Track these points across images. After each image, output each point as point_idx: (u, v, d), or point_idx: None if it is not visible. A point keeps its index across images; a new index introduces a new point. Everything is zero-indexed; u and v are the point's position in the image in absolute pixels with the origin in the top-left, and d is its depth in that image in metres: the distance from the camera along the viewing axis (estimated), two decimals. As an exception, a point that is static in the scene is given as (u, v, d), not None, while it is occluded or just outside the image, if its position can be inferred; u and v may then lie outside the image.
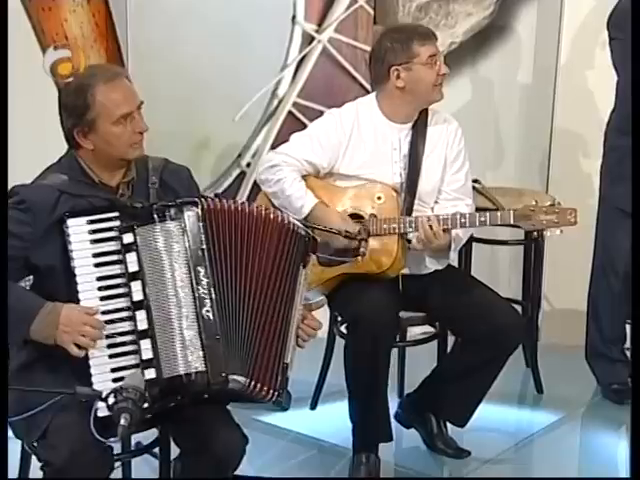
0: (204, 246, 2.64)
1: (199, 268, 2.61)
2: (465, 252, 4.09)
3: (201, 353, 2.55)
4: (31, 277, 2.70)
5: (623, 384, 3.96)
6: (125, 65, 4.33)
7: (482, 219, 3.25)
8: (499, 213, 3.28)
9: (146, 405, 2.43)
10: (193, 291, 2.59)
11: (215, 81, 4.24)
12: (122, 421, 2.20)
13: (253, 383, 2.60)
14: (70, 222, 2.54)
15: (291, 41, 4.37)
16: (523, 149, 4.75)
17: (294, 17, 4.35)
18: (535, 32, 4.65)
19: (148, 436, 2.85)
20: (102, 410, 2.31)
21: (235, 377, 2.56)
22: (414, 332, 3.91)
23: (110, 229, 2.58)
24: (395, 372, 3.85)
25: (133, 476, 3.02)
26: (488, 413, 3.84)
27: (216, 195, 2.75)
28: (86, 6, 4.36)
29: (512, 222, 3.25)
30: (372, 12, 4.47)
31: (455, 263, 3.89)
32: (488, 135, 4.75)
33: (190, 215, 2.64)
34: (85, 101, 2.60)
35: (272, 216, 2.77)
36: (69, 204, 2.58)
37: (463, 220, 3.23)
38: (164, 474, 2.81)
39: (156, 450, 2.89)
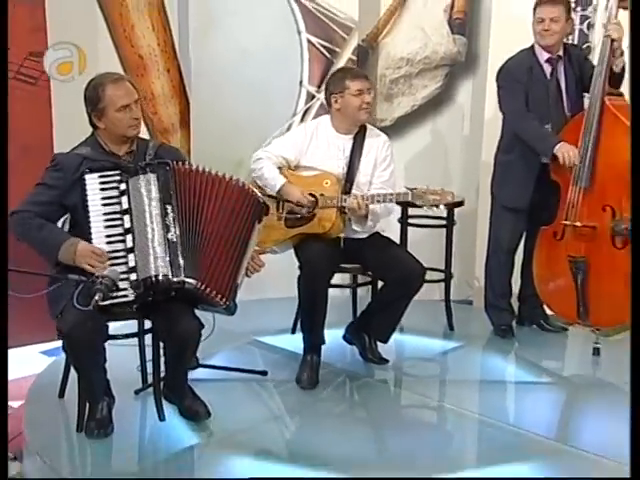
0: (172, 191, 2.68)
1: (167, 206, 2.65)
2: (401, 233, 4.04)
3: (165, 262, 2.59)
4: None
5: (508, 326, 3.89)
6: (190, 112, 4.36)
7: (390, 197, 3.25)
8: (402, 193, 3.23)
9: (131, 298, 2.57)
10: (162, 221, 2.63)
11: (248, 122, 4.22)
12: (96, 297, 2.33)
13: (206, 287, 2.62)
14: (87, 177, 2.63)
15: (299, 97, 4.40)
16: (462, 178, 4.68)
17: (301, 81, 4.38)
18: (471, 98, 4.63)
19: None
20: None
21: (189, 280, 2.60)
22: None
23: (113, 181, 2.65)
24: (350, 307, 3.88)
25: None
26: (411, 340, 3.88)
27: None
28: (166, 74, 4.34)
29: (410, 200, 3.23)
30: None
31: (396, 240, 3.84)
32: (439, 168, 4.71)
33: (164, 170, 2.69)
34: (98, 95, 2.68)
35: (234, 182, 2.81)
36: (88, 165, 2.65)
37: (378, 198, 3.24)
38: (155, 349, 2.84)
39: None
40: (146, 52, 4.33)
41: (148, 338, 2.91)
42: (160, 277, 2.58)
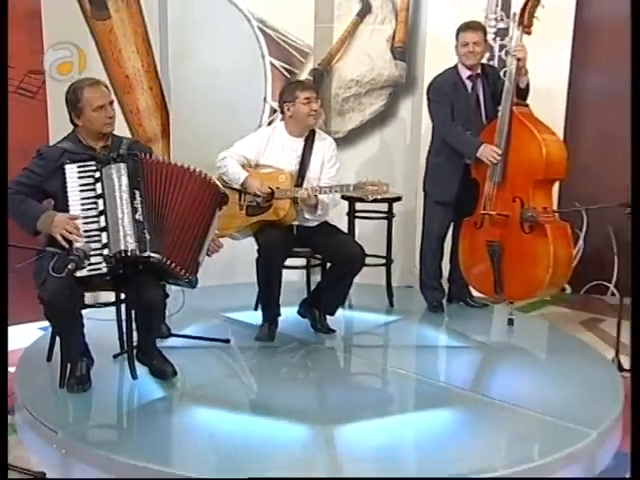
0: (140, 178, 2.66)
1: (135, 191, 2.64)
2: (349, 225, 4.02)
3: (133, 239, 2.58)
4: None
5: (439, 302, 3.91)
6: (170, 124, 4.30)
7: (335, 189, 3.26)
8: (345, 185, 3.25)
9: (104, 270, 2.55)
10: (131, 204, 2.61)
11: (219, 133, 4.04)
12: (70, 266, 2.28)
13: (170, 262, 2.60)
14: (67, 167, 2.61)
15: (263, 112, 4.36)
16: (405, 181, 4.63)
17: (265, 98, 4.35)
18: (411, 113, 4.62)
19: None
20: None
21: (154, 255, 2.59)
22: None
23: (89, 171, 2.63)
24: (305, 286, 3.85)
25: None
26: (357, 315, 3.91)
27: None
28: (149, 92, 4.29)
29: (352, 191, 3.24)
30: (313, 98, 4.49)
31: (345, 229, 3.85)
32: (385, 173, 4.53)
33: (133, 160, 2.68)
34: (77, 96, 2.67)
35: (197, 172, 2.78)
36: (68, 157, 2.63)
37: (325, 190, 3.26)
38: (127, 317, 2.82)
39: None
40: (132, 72, 4.30)
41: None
42: (129, 252, 2.57)
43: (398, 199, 4.00)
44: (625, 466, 2.57)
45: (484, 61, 3.84)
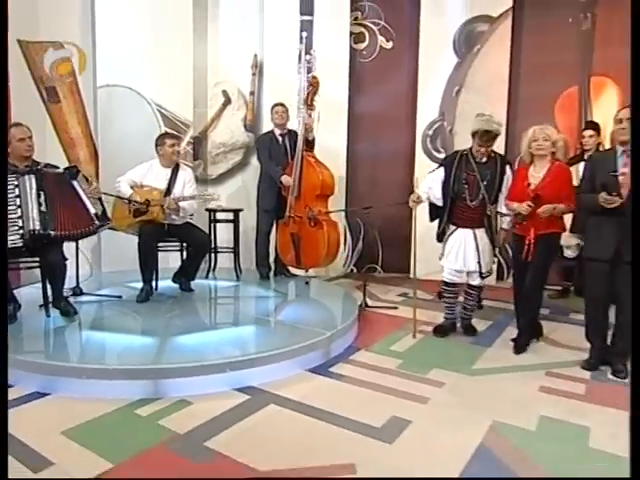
0: (44, 183, 2.70)
1: (40, 192, 2.68)
2: (211, 227, 4.11)
3: (38, 222, 2.63)
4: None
5: (267, 274, 4.05)
6: (99, 170, 4.23)
7: (188, 197, 3.37)
8: (193, 195, 3.39)
9: (20, 245, 2.57)
10: (37, 200, 2.66)
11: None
12: None
13: (61, 235, 2.67)
14: None
15: None
16: (255, 204, 4.61)
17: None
18: (257, 163, 4.76)
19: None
20: None
21: (52, 232, 2.64)
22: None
23: (11, 180, 2.66)
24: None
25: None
26: (216, 283, 3.95)
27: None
28: (86, 148, 4.26)
29: (196, 199, 3.37)
30: (192, 152, 4.60)
31: (206, 229, 3.88)
32: (244, 200, 4.60)
33: (40, 174, 2.73)
34: (7, 134, 2.70)
35: (56, 172, 2.80)
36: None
37: (180, 198, 3.36)
38: (43, 276, 2.84)
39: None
40: (75, 136, 4.31)
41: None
42: (36, 231, 2.65)
43: (241, 210, 4.21)
44: (350, 353, 2.88)
45: (292, 128, 4.17)
